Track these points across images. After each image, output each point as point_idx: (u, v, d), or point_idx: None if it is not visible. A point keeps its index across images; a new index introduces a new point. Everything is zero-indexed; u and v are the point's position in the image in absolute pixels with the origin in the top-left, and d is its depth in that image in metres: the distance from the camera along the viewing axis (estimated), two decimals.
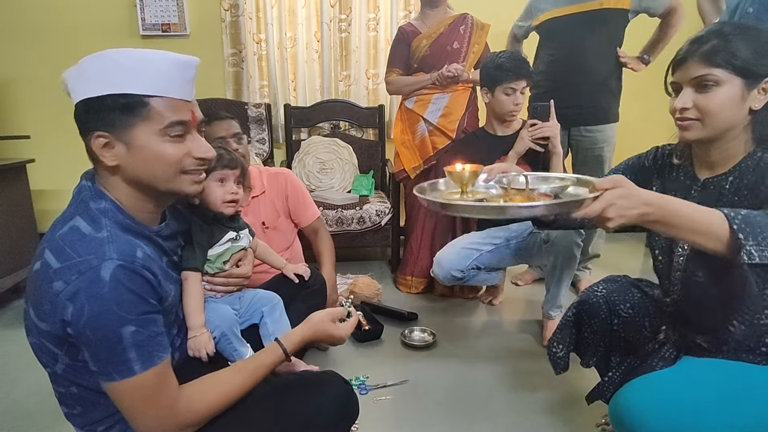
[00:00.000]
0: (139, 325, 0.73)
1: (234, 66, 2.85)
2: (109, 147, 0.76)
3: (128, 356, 0.72)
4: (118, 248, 0.73)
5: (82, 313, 0.69)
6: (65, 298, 0.69)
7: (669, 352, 1.05)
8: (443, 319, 2.04)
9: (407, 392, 1.53)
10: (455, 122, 2.18)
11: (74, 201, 0.79)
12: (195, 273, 1.00)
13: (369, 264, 2.76)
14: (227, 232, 1.12)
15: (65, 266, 0.71)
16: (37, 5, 2.78)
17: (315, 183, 2.77)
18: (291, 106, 2.87)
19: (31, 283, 0.76)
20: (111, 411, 0.81)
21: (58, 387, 0.82)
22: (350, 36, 2.86)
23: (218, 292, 1.13)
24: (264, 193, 1.67)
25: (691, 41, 0.97)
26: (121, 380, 0.72)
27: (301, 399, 0.92)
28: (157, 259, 0.83)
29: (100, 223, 0.75)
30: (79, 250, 0.72)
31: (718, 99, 0.92)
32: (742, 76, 0.91)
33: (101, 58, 0.75)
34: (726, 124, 0.94)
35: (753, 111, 0.93)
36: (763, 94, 0.92)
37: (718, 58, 0.91)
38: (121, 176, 0.79)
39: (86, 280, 0.70)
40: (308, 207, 1.76)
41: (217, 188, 1.09)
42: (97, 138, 0.75)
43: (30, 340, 0.80)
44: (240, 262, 1.17)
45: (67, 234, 0.74)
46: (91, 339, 0.70)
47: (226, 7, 2.76)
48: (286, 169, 1.79)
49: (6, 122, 2.88)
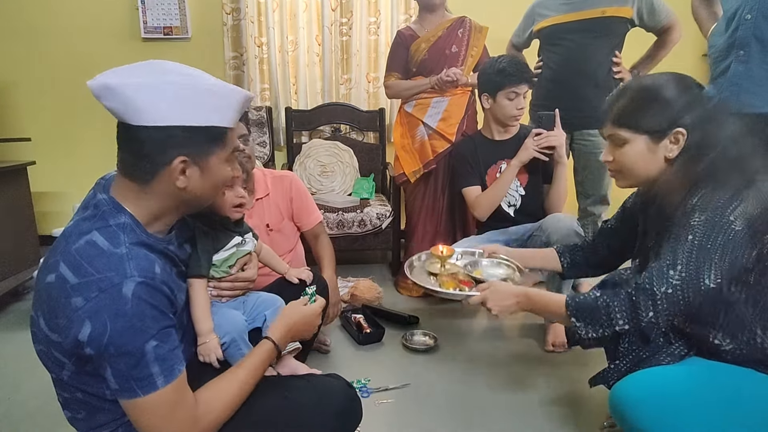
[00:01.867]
0: (159, 339, 0.74)
1: (235, 69, 2.85)
2: (183, 171, 0.78)
3: (151, 371, 0.73)
4: (138, 265, 0.74)
5: (104, 330, 0.69)
6: (85, 315, 0.69)
7: (679, 349, 1.05)
8: (444, 323, 2.04)
9: (409, 396, 1.53)
10: (454, 126, 2.18)
11: (91, 214, 0.78)
12: (200, 279, 1.01)
13: (370, 267, 2.76)
14: (233, 237, 1.12)
15: (84, 282, 0.71)
16: (38, 8, 2.78)
17: (316, 186, 2.78)
18: (292, 110, 2.88)
19: (43, 293, 0.75)
20: (115, 416, 0.81)
21: (63, 392, 0.82)
22: (351, 39, 2.87)
23: (224, 296, 1.13)
24: (268, 195, 1.67)
25: (606, 101, 1.09)
26: (145, 396, 0.73)
27: (305, 402, 0.92)
28: (170, 272, 0.84)
29: (119, 239, 0.75)
30: (98, 266, 0.72)
31: (628, 155, 1.03)
32: (644, 133, 1.00)
33: (187, 88, 0.76)
34: (644, 175, 1.04)
35: (669, 159, 1.00)
36: (675, 143, 0.99)
37: (620, 120, 1.03)
38: (172, 195, 0.80)
39: (108, 297, 0.70)
40: (311, 211, 1.76)
41: (229, 194, 1.09)
42: (180, 162, 0.77)
43: (36, 347, 0.80)
44: (245, 266, 1.17)
45: (83, 248, 0.73)
46: (114, 356, 0.71)
47: (227, 10, 2.77)
48: (290, 173, 1.79)
49: (7, 125, 2.89)
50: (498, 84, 1.82)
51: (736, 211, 0.89)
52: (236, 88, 0.83)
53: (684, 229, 0.93)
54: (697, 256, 0.91)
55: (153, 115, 0.74)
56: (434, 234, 2.27)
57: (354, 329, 1.89)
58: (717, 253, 0.90)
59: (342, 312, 1.99)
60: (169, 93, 0.74)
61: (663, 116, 0.98)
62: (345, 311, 2.01)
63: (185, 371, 0.79)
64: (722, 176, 0.93)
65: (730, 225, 0.89)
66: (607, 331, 0.99)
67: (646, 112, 1.00)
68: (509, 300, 1.11)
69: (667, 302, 0.93)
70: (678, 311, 0.94)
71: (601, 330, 0.99)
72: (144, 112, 0.74)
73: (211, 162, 0.81)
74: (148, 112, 0.74)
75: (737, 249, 0.90)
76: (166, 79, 0.75)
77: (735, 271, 0.92)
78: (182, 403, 0.78)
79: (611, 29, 1.99)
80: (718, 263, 0.90)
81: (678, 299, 0.92)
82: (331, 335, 1.89)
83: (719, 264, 0.90)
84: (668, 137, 0.99)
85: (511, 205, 1.95)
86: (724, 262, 0.90)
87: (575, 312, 1.02)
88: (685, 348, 1.05)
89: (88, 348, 0.70)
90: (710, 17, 1.66)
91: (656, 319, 0.94)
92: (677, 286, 0.92)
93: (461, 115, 2.19)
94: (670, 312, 0.94)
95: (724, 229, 0.89)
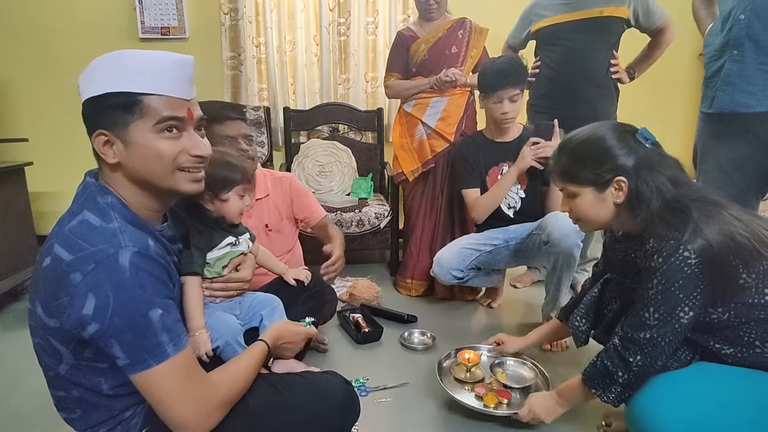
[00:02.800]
0: (164, 308, 0.74)
1: (233, 69, 2.85)
2: (109, 145, 0.78)
3: (160, 339, 0.72)
4: (132, 237, 0.74)
5: (107, 302, 0.69)
6: (86, 289, 0.69)
7: (684, 354, 1.06)
8: (443, 322, 2.05)
9: (407, 394, 1.53)
10: (453, 125, 2.18)
11: (80, 197, 0.80)
12: (194, 277, 1.01)
13: (368, 267, 2.76)
14: (226, 237, 1.12)
15: (79, 257, 0.71)
16: (36, 8, 2.78)
17: (314, 186, 2.78)
18: (290, 110, 2.88)
19: (39, 279, 0.75)
20: (112, 413, 0.81)
21: (57, 391, 0.82)
22: (349, 39, 2.87)
23: (218, 297, 1.13)
24: (268, 196, 1.68)
25: (551, 157, 1.16)
26: (158, 365, 0.72)
27: (303, 399, 0.93)
28: (163, 252, 0.84)
29: (110, 215, 0.76)
30: (92, 240, 0.72)
31: (580, 206, 1.09)
32: (589, 185, 1.05)
33: (107, 58, 0.77)
34: (599, 221, 1.09)
35: (618, 204, 1.04)
36: (620, 190, 1.03)
37: (565, 176, 1.10)
38: (123, 174, 0.80)
39: (105, 269, 0.70)
40: (315, 207, 1.78)
41: (238, 201, 1.11)
42: (98, 136, 0.77)
43: (34, 341, 0.80)
44: (239, 266, 1.17)
45: (76, 227, 0.74)
46: (121, 327, 0.70)
47: (225, 10, 2.76)
48: (289, 174, 1.80)
49: (4, 125, 2.88)
50: (494, 85, 1.83)
51: (690, 246, 0.92)
52: (167, 53, 0.78)
53: (648, 273, 0.97)
54: (665, 297, 0.95)
55: (83, 93, 0.77)
56: (432, 233, 2.28)
57: (352, 328, 1.89)
58: (682, 290, 0.93)
59: (340, 311, 2.00)
60: (97, 68, 0.77)
61: (602, 168, 1.03)
62: (343, 310, 2.02)
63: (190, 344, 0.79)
64: (668, 216, 0.96)
65: (686, 261, 0.92)
66: (616, 386, 1.05)
67: (585, 167, 1.05)
68: (553, 407, 1.22)
69: (650, 345, 0.98)
70: (664, 350, 0.99)
71: (612, 387, 1.06)
72: (82, 93, 0.78)
73: (132, 133, 0.76)
74: (83, 92, 0.78)
75: (700, 281, 0.93)
76: (103, 56, 0.77)
77: (707, 300, 0.95)
78: (196, 372, 0.78)
79: (609, 29, 2.00)
80: (687, 299, 0.94)
81: (660, 341, 0.97)
82: (330, 334, 1.89)
83: (688, 299, 0.94)
84: (611, 186, 1.04)
85: (511, 207, 1.96)
86: (692, 296, 0.94)
87: (589, 383, 1.10)
88: (690, 353, 1.06)
89: (93, 323, 0.70)
90: (709, 16, 1.67)
91: (644, 361, 0.99)
92: (655, 327, 0.97)
93: (460, 115, 2.19)
94: (657, 352, 0.98)
95: (682, 266, 0.92)
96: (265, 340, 1.00)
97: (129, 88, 0.75)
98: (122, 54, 0.77)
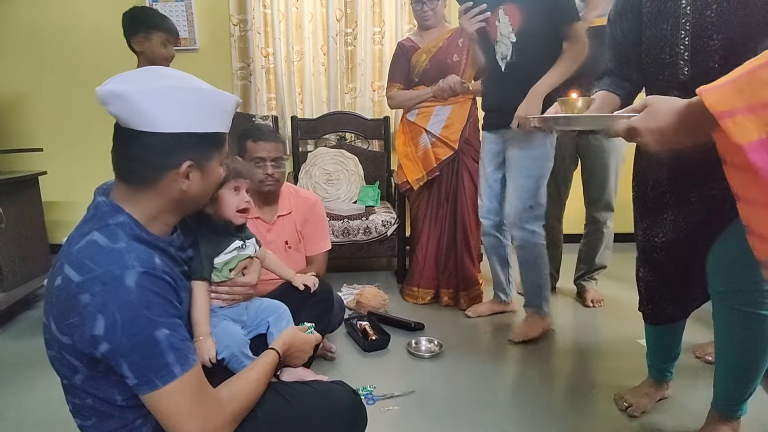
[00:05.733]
0: (170, 328, 0.75)
1: (242, 79, 2.90)
2: (187, 174, 0.81)
3: (167, 360, 0.73)
4: (138, 256, 0.75)
5: (115, 323, 0.70)
6: (95, 310, 0.71)
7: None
8: (450, 330, 2.04)
9: (414, 403, 1.53)
10: (458, 133, 2.20)
11: (91, 216, 0.81)
12: (202, 282, 1.02)
13: (375, 274, 2.77)
14: (233, 241, 1.14)
15: (87, 279, 0.72)
16: (49, 21, 2.85)
17: (321, 194, 2.80)
18: (298, 118, 2.91)
19: (52, 298, 0.77)
20: (125, 422, 0.82)
21: (74, 398, 0.83)
22: (356, 49, 2.91)
23: (224, 300, 1.14)
24: (290, 213, 1.70)
25: None
26: (164, 385, 0.73)
27: (310, 409, 0.93)
28: (171, 267, 0.85)
29: (118, 235, 0.77)
30: (99, 261, 0.73)
31: None
32: None
33: (191, 95, 0.79)
34: None
35: None
36: None
37: None
38: (173, 197, 0.82)
39: (112, 290, 0.71)
40: (320, 239, 1.78)
41: (232, 197, 1.11)
42: (188, 167, 0.80)
43: (49, 354, 0.81)
44: (245, 270, 1.18)
45: (84, 248, 0.75)
46: (129, 348, 0.72)
47: (235, 22, 2.81)
48: (316, 196, 1.82)
49: (19, 135, 2.95)
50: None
51: None
52: (227, 93, 0.86)
53: None
54: None
55: (162, 122, 0.77)
56: (438, 241, 2.28)
57: (360, 336, 1.90)
58: None
59: (347, 319, 2.00)
60: (175, 100, 0.77)
61: None
62: (350, 318, 2.02)
63: (200, 364, 0.80)
64: None
65: None
66: None
67: None
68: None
69: None
70: None
71: None
72: (153, 119, 0.76)
73: (211, 166, 0.85)
74: (156, 119, 0.76)
75: None
76: (170, 84, 0.78)
77: None
78: (204, 391, 0.78)
79: None
80: None
81: None
82: (337, 342, 1.90)
83: None
84: None
85: (504, 58, 1.79)
86: None
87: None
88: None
89: (104, 343, 0.71)
90: None
91: None
92: None
93: (464, 122, 2.21)
94: None
95: None
96: (276, 348, 1.00)
97: (216, 128, 0.84)
98: (203, 91, 0.81)
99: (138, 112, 0.76)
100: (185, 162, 0.80)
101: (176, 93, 0.77)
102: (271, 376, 0.96)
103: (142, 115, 0.76)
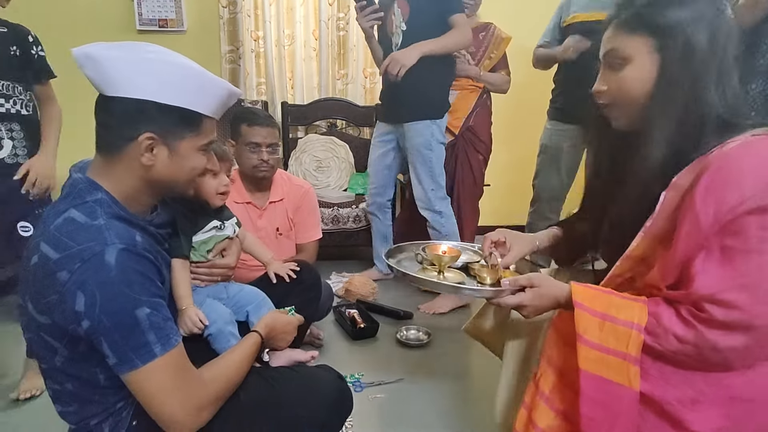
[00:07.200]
0: (152, 307, 0.73)
1: (231, 63, 2.84)
2: (150, 148, 0.77)
3: (147, 339, 0.72)
4: (118, 233, 0.73)
5: (94, 300, 0.68)
6: (75, 288, 0.69)
7: None
8: (438, 319, 2.05)
9: (402, 390, 1.53)
10: (460, 119, 2.22)
11: (67, 194, 0.78)
12: (182, 260, 1.01)
13: (364, 262, 2.76)
14: (211, 221, 1.13)
15: (65, 255, 0.70)
16: (33, 1, 2.75)
17: (311, 181, 2.77)
18: (288, 104, 2.87)
19: (28, 277, 0.75)
20: (106, 406, 0.80)
21: (53, 384, 0.81)
22: (348, 34, 2.86)
23: (203, 281, 1.13)
24: (282, 200, 1.68)
25: None
26: (144, 365, 0.72)
27: (295, 394, 0.92)
28: (153, 246, 0.83)
29: (96, 212, 0.75)
30: (77, 238, 0.71)
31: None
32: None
33: (169, 66, 0.76)
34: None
35: None
36: None
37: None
38: (139, 173, 0.79)
39: (91, 267, 0.69)
40: (313, 227, 1.77)
41: (211, 180, 1.10)
42: (146, 139, 0.76)
43: (27, 336, 0.79)
44: (224, 252, 1.17)
45: (62, 225, 0.73)
46: (109, 326, 0.70)
47: (224, 3, 2.75)
48: (308, 185, 1.80)
49: None
50: None
51: None
52: (224, 81, 0.83)
53: None
54: None
55: (126, 87, 0.75)
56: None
57: (348, 324, 1.89)
58: None
59: (336, 307, 1.99)
60: (146, 67, 0.75)
61: None
62: (339, 306, 2.02)
63: (182, 344, 0.78)
64: None
65: None
66: None
67: None
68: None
69: None
70: None
71: None
72: (118, 83, 0.74)
73: (181, 146, 0.80)
74: (121, 83, 0.74)
75: None
76: (147, 55, 0.75)
77: None
78: (186, 370, 0.77)
79: None
80: None
81: None
82: (325, 330, 1.89)
83: None
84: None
85: (395, 44, 1.97)
86: None
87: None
88: None
89: (85, 320, 0.69)
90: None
91: None
92: None
93: (468, 111, 2.23)
94: None
95: None
96: (258, 330, 0.99)
97: (196, 107, 0.79)
98: (188, 67, 0.78)
99: (105, 75, 0.74)
100: (145, 132, 0.76)
101: (150, 62, 0.75)
102: (254, 358, 0.95)
103: (108, 79, 0.74)
